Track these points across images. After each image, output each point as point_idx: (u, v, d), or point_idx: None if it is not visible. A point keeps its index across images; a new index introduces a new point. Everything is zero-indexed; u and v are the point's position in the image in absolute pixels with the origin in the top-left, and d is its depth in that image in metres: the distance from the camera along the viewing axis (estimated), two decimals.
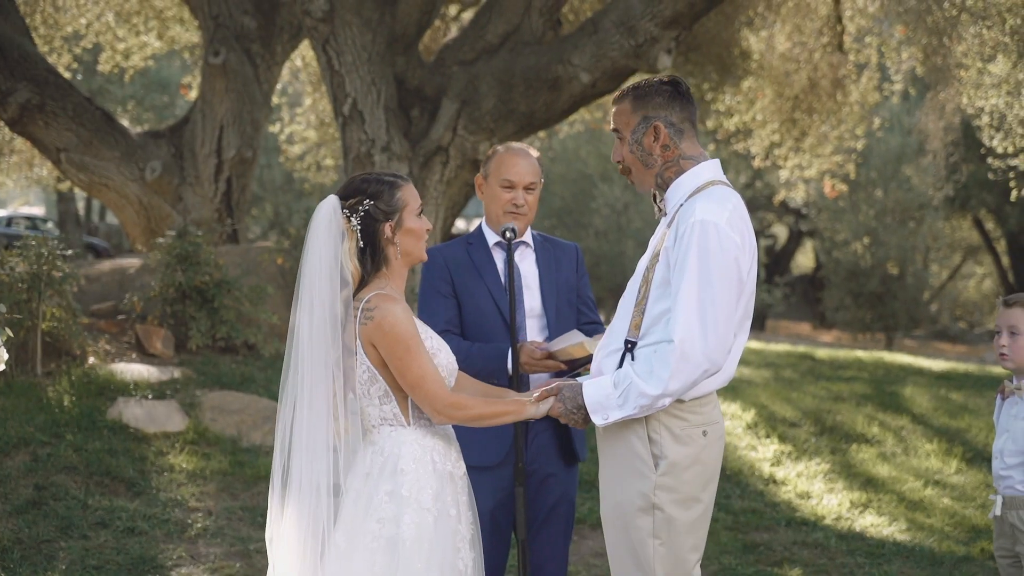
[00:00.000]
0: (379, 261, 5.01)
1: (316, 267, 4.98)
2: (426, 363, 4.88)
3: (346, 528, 4.91)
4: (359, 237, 4.99)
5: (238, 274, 13.61)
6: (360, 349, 4.94)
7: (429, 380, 4.87)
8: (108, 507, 9.23)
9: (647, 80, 5.15)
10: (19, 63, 16.03)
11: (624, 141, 5.15)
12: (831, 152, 21.04)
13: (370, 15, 15.19)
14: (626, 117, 5.13)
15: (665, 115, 5.06)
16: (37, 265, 11.55)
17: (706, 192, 4.97)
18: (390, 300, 4.92)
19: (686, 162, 5.08)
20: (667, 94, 5.08)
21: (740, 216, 4.93)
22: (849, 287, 34.28)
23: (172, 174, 17.00)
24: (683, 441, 4.94)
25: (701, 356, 4.75)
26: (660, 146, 5.07)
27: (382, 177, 5.08)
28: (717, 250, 4.79)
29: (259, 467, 10.30)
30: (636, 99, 5.10)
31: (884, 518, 10.81)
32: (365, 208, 4.99)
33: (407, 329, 4.87)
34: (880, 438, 13.24)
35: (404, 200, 5.04)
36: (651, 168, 5.12)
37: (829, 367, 18.05)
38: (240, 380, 12.34)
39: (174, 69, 35.34)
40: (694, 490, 4.97)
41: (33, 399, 10.89)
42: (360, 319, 4.91)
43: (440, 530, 4.91)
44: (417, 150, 15.36)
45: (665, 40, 14.46)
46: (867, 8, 19.64)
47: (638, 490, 4.93)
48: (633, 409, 4.84)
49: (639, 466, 4.94)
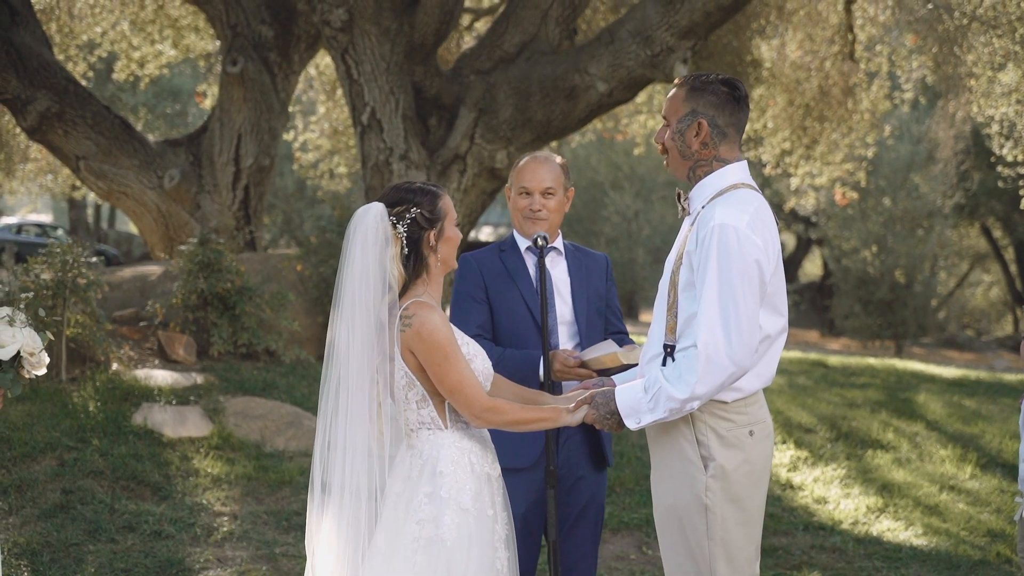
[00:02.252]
0: (420, 268, 5.09)
1: (360, 272, 5.04)
2: (464, 369, 4.97)
3: (386, 530, 5.00)
4: (404, 243, 5.07)
5: (259, 281, 13.68)
6: (398, 355, 5.03)
7: (467, 385, 4.95)
8: (135, 511, 9.29)
9: (708, 75, 5.19)
10: (38, 72, 16.09)
11: (668, 127, 5.21)
12: (842, 160, 21.03)
13: (388, 24, 15.23)
14: (677, 105, 5.18)
15: (713, 115, 5.11)
16: (62, 272, 11.64)
17: (728, 195, 5.02)
18: (428, 308, 5.00)
19: (718, 164, 5.14)
20: (722, 95, 5.12)
21: (761, 218, 4.97)
22: (858, 295, 34.19)
23: (190, 182, 17.04)
24: (730, 442, 5.00)
25: (726, 359, 4.81)
26: (700, 142, 5.12)
27: (426, 187, 5.16)
28: (737, 253, 4.84)
29: (283, 472, 10.38)
30: (692, 90, 5.15)
31: (901, 523, 10.84)
32: (412, 215, 5.08)
33: (445, 336, 4.95)
34: (895, 444, 13.28)
35: (445, 210, 5.14)
36: (687, 160, 5.17)
37: (842, 374, 18.05)
38: (262, 386, 12.40)
39: (186, 77, 35.30)
40: (745, 489, 5.03)
41: (59, 405, 10.97)
42: (399, 326, 5.00)
43: (479, 530, 5.00)
44: (435, 158, 15.41)
45: (681, 50, 14.53)
46: (878, 17, 19.65)
47: (691, 492, 4.99)
48: (663, 412, 4.90)
49: (689, 469, 5.01)
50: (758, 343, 4.93)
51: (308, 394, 12.41)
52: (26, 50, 16.08)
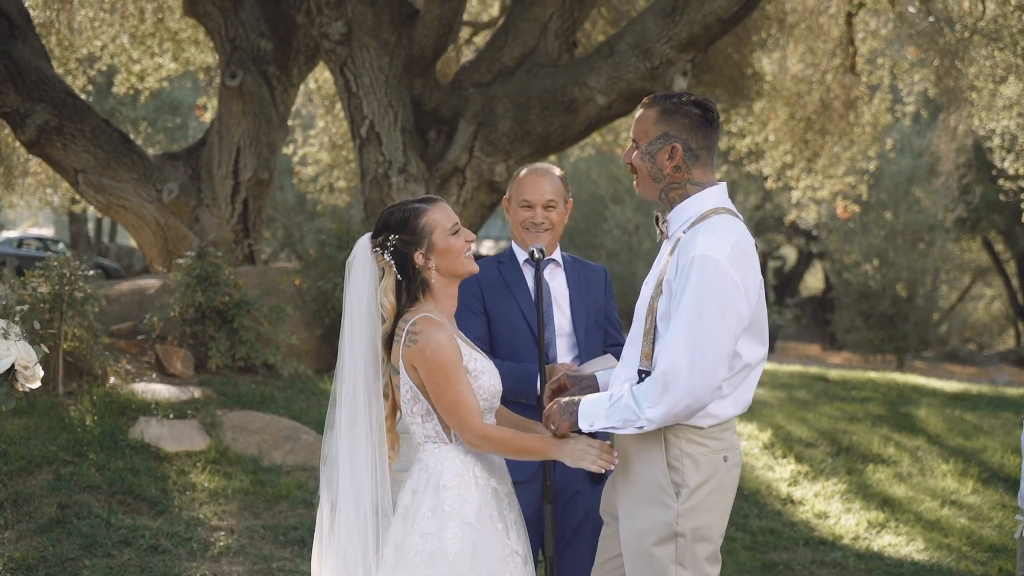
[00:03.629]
0: (417, 289, 5.09)
1: (356, 305, 5.11)
2: (463, 391, 4.95)
3: (394, 543, 5.00)
4: (396, 271, 5.08)
5: (257, 295, 13.58)
6: (403, 369, 5.02)
7: (463, 409, 4.93)
8: (131, 525, 9.20)
9: (679, 95, 5.08)
10: (37, 85, 16.04)
11: (639, 148, 5.10)
12: (843, 173, 21.03)
13: (387, 37, 15.23)
14: (647, 126, 5.07)
15: (687, 138, 5.00)
16: (59, 285, 11.57)
17: (710, 222, 4.93)
18: (435, 325, 4.98)
19: (692, 187, 5.04)
20: (695, 117, 5.02)
21: (743, 249, 4.88)
22: (860, 308, 34.17)
23: (189, 195, 16.98)
24: (704, 468, 4.93)
25: (684, 391, 4.73)
26: (673, 166, 5.02)
27: (406, 206, 5.14)
28: (713, 287, 4.75)
29: (280, 486, 10.29)
30: (663, 112, 5.04)
31: (902, 538, 10.81)
32: (392, 243, 5.08)
33: (448, 357, 4.93)
34: (896, 458, 13.23)
35: (430, 224, 5.08)
36: (658, 182, 5.08)
37: (842, 388, 17.99)
38: (260, 400, 12.31)
39: (186, 91, 35.31)
40: (715, 516, 4.97)
41: (55, 419, 10.87)
42: (405, 341, 4.99)
43: (486, 544, 4.96)
44: (434, 172, 15.40)
45: (681, 63, 14.51)
46: (879, 30, 19.66)
47: (660, 519, 4.91)
48: (616, 421, 4.85)
49: (660, 495, 4.93)
50: (721, 379, 4.83)
51: (306, 408, 12.35)
52: (25, 63, 16.03)
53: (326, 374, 13.93)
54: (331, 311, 14.12)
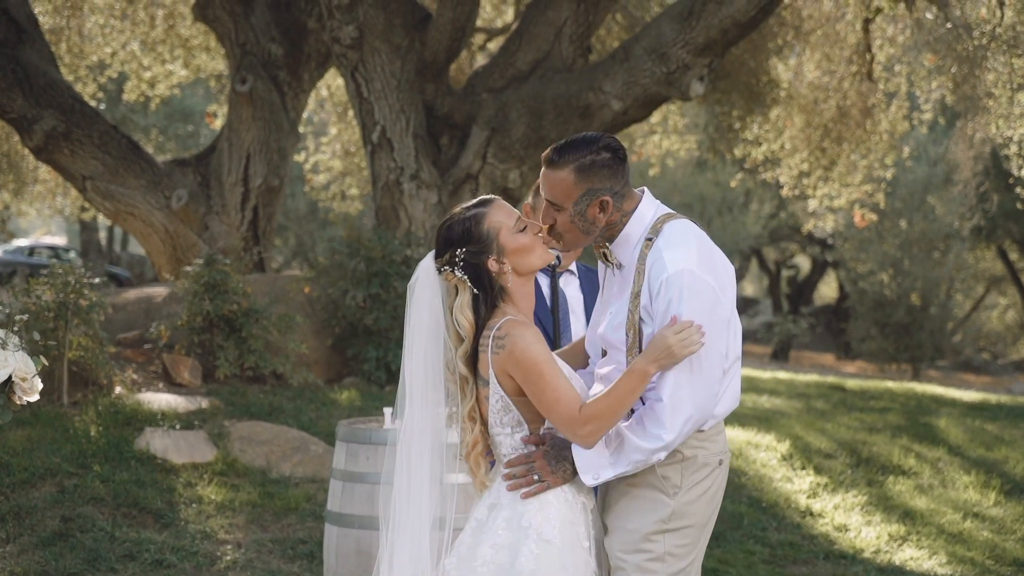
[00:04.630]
0: (496, 296, 4.88)
1: (418, 329, 4.94)
2: (560, 385, 4.72)
3: (458, 553, 4.84)
4: (471, 286, 4.86)
5: (266, 303, 13.51)
6: (493, 378, 4.81)
7: (563, 403, 4.70)
8: (136, 539, 9.12)
9: (584, 149, 4.86)
10: (44, 91, 16.00)
11: (561, 211, 4.90)
12: (860, 181, 20.91)
13: (399, 42, 15.18)
14: (566, 189, 4.86)
15: (611, 186, 4.87)
16: (64, 293, 11.49)
17: (664, 235, 4.85)
18: (520, 325, 4.79)
19: (626, 217, 4.93)
20: (611, 163, 4.87)
21: (707, 249, 4.85)
22: (875, 317, 34.14)
23: (198, 202, 16.93)
24: (700, 471, 4.89)
25: (691, 407, 4.72)
26: (607, 216, 4.89)
27: (464, 216, 4.90)
28: (695, 299, 4.72)
29: (289, 498, 10.20)
30: (580, 172, 4.84)
31: (924, 551, 10.66)
32: (461, 257, 4.85)
33: (540, 353, 4.73)
34: (917, 470, 13.05)
35: (494, 227, 4.86)
36: (590, 234, 4.94)
37: (860, 398, 17.86)
38: (269, 410, 12.22)
39: (198, 98, 35.38)
40: (704, 519, 4.93)
41: (59, 429, 10.79)
42: (492, 348, 4.78)
43: (570, 563, 4.77)
44: (446, 178, 15.35)
45: (698, 67, 14.39)
46: (896, 38, 19.54)
47: (655, 517, 4.84)
48: (627, 466, 4.76)
49: (657, 495, 4.86)
50: (722, 379, 4.84)
51: (315, 418, 12.25)
52: (32, 68, 16.01)
53: (336, 384, 13.90)
54: (341, 319, 14.10)
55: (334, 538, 7.53)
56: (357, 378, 14.06)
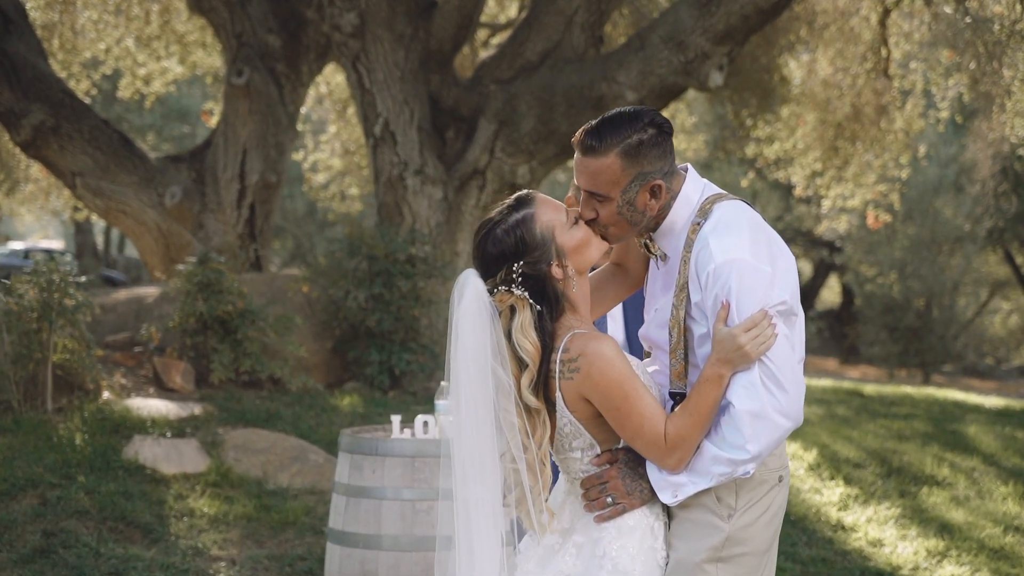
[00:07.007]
0: (559, 307, 4.25)
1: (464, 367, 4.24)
2: (646, 406, 4.14)
3: None
4: (532, 303, 4.22)
5: (263, 303, 13.46)
6: (561, 403, 4.19)
7: (648, 429, 4.14)
8: (123, 556, 8.86)
9: (627, 128, 4.29)
10: (33, 84, 15.78)
11: (609, 202, 4.32)
12: (874, 181, 20.57)
13: (403, 30, 15.03)
14: (613, 176, 4.28)
15: (661, 166, 4.30)
16: (48, 292, 11.30)
17: (712, 220, 4.29)
18: (593, 339, 4.17)
19: (672, 200, 4.37)
20: (661, 143, 4.30)
21: (762, 233, 4.30)
22: (884, 321, 34.05)
23: (193, 200, 16.76)
24: (760, 489, 4.35)
25: (776, 414, 4.18)
26: (659, 201, 4.32)
27: (510, 223, 4.25)
28: (750, 293, 4.19)
29: (287, 511, 10.01)
30: (627, 155, 4.26)
31: (965, 568, 10.19)
32: (520, 271, 4.21)
33: (621, 370, 4.13)
34: (951, 480, 12.66)
35: (547, 227, 4.25)
36: (638, 225, 4.36)
37: (880, 404, 17.67)
38: (265, 417, 12.09)
39: (194, 97, 35.62)
40: (764, 545, 4.38)
41: (42, 437, 10.60)
42: (561, 373, 4.17)
43: None
44: (452, 173, 15.19)
45: (717, 56, 14.19)
46: (913, 34, 19.24)
47: (707, 544, 4.30)
48: (710, 480, 4.23)
49: (710, 518, 4.32)
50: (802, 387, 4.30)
51: (315, 426, 12.10)
52: (20, 60, 15.75)
53: (336, 389, 13.86)
54: (342, 321, 14.08)
55: (336, 558, 7.25)
56: (359, 383, 13.96)
